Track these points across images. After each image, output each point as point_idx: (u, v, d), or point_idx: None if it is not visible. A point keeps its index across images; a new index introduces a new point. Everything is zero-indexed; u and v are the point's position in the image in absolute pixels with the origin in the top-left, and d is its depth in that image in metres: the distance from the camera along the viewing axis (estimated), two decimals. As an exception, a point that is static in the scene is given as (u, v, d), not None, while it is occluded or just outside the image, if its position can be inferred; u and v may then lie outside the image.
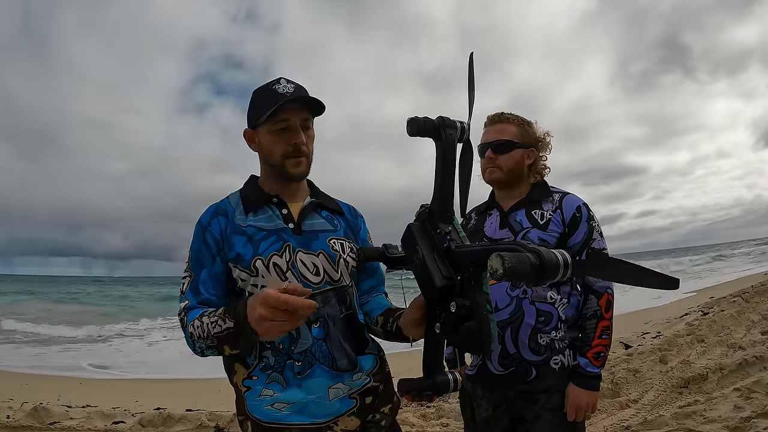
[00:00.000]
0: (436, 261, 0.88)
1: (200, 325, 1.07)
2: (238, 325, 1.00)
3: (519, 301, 1.59)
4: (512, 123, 1.70)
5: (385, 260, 1.22)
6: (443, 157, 0.91)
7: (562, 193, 1.68)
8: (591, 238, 1.62)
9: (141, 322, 14.04)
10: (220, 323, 1.04)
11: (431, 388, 0.91)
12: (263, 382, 1.14)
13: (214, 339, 1.05)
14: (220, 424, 3.80)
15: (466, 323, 0.83)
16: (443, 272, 0.87)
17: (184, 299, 1.17)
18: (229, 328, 1.03)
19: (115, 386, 6.05)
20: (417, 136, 0.90)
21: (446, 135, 0.90)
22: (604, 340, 1.56)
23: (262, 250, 1.17)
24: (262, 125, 1.20)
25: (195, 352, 1.13)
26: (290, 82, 1.20)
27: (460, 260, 0.86)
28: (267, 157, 1.23)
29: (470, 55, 0.94)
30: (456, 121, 0.92)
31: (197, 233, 1.21)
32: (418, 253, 0.91)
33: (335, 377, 1.16)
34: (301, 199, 1.28)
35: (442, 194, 0.91)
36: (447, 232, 0.90)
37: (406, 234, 0.96)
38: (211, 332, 1.05)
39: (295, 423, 1.12)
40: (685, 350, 4.71)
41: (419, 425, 3.75)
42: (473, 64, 0.93)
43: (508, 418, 1.64)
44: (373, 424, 1.21)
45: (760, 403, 3.09)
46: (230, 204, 1.24)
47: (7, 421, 3.79)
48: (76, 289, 31.41)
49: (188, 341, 1.12)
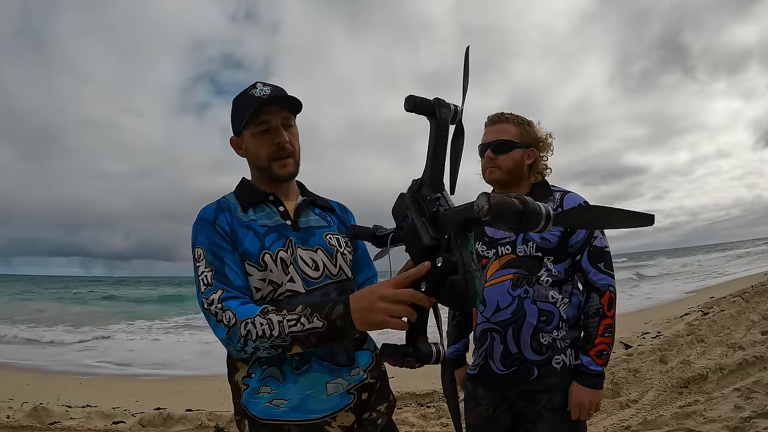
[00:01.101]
0: (425, 224, 0.93)
1: (267, 323, 1.02)
2: (332, 326, 0.98)
3: (521, 301, 1.59)
4: (512, 123, 1.70)
5: (374, 239, 1.25)
6: (436, 133, 0.97)
7: (563, 192, 1.68)
8: (592, 236, 1.61)
9: (137, 323, 14.01)
10: (302, 322, 1.00)
11: (414, 355, 0.93)
12: (260, 377, 1.14)
13: (287, 338, 1.01)
14: (220, 424, 3.80)
15: (451, 277, 0.86)
16: (431, 233, 0.92)
17: (213, 290, 1.09)
18: (315, 328, 0.99)
19: (115, 386, 6.04)
20: (413, 112, 0.96)
21: (440, 113, 0.96)
22: (606, 338, 1.56)
23: (269, 245, 1.18)
24: (245, 130, 1.23)
25: (237, 352, 1.06)
26: (266, 85, 1.22)
27: (446, 221, 0.90)
28: (254, 161, 1.25)
29: (467, 48, 1.01)
30: (450, 103, 0.98)
31: (204, 228, 1.17)
32: (408, 218, 0.96)
33: (334, 372, 1.16)
34: (294, 198, 1.31)
35: (433, 166, 0.97)
36: (436, 198, 0.95)
37: (398, 202, 1.01)
38: (286, 331, 1.01)
39: (293, 419, 1.12)
40: (685, 350, 4.71)
41: (419, 425, 3.75)
42: (469, 55, 0.99)
43: (509, 418, 1.64)
44: (369, 422, 1.21)
45: (760, 403, 3.09)
46: (230, 202, 1.25)
47: (7, 421, 3.79)
48: (76, 289, 31.39)
49: (233, 339, 1.04)
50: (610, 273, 1.61)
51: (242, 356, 1.09)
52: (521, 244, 1.62)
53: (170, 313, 15.60)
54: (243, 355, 1.08)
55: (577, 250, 1.62)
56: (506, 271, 1.62)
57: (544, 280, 1.60)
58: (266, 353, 1.05)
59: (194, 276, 1.14)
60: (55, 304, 19.71)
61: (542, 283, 1.60)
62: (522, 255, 1.62)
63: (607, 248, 1.63)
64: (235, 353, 1.09)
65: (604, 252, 1.62)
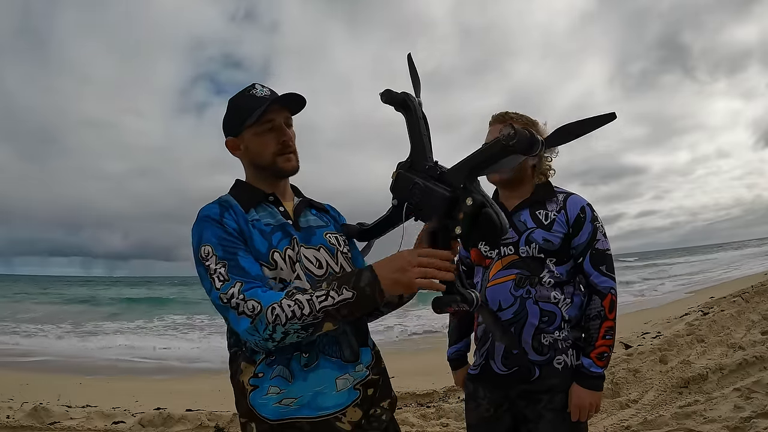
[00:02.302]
0: (437, 183, 1.04)
1: (294, 303, 1.02)
2: (362, 294, 1.03)
3: (523, 301, 1.59)
4: (516, 123, 1.69)
5: (360, 234, 1.31)
6: (412, 120, 1.13)
7: (566, 194, 1.68)
8: (595, 239, 1.62)
9: (136, 321, 14.02)
10: (332, 296, 1.03)
11: (465, 301, 1.02)
12: (269, 377, 1.13)
13: (319, 314, 1.02)
14: (220, 424, 3.80)
15: (483, 210, 0.97)
16: (447, 188, 1.02)
17: (231, 284, 1.07)
18: (346, 299, 1.03)
19: (115, 386, 6.04)
20: (388, 104, 1.14)
21: (411, 102, 1.13)
22: (607, 340, 1.56)
23: (276, 243, 1.18)
24: (246, 129, 1.23)
25: (265, 341, 1.04)
26: (265, 87, 1.25)
27: (454, 176, 1.03)
28: (256, 159, 1.25)
29: (408, 55, 1.20)
30: (414, 97, 1.16)
31: (210, 226, 1.14)
32: (419, 184, 1.07)
33: (342, 368, 1.17)
34: (290, 200, 1.32)
35: (417, 145, 1.11)
36: (433, 166, 1.08)
37: (398, 178, 1.12)
38: (317, 307, 1.02)
39: (304, 417, 1.12)
40: (685, 350, 4.71)
41: (419, 425, 3.75)
42: (413, 62, 1.19)
43: (510, 418, 1.64)
44: (374, 417, 1.22)
45: (760, 403, 3.09)
46: (231, 201, 1.23)
47: (7, 421, 3.79)
48: (76, 288, 31.35)
49: (258, 327, 1.02)
50: (612, 276, 1.61)
51: (269, 346, 1.07)
52: (524, 245, 1.62)
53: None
54: (270, 345, 1.06)
55: (580, 252, 1.62)
56: (509, 271, 1.62)
57: (546, 281, 1.60)
58: (296, 336, 1.05)
59: (202, 275, 1.12)
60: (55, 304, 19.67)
61: (544, 284, 1.60)
62: (525, 256, 1.62)
63: (609, 251, 1.63)
64: (262, 342, 1.06)
65: (606, 255, 1.62)
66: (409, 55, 1.19)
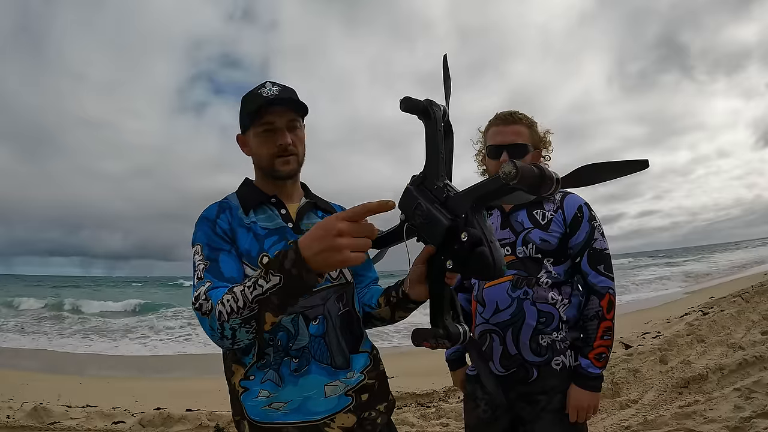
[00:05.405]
0: (439, 208, 0.99)
1: (231, 298, 0.96)
2: (288, 277, 0.90)
3: (520, 302, 1.59)
4: (524, 125, 1.68)
5: (372, 242, 1.27)
6: (431, 131, 1.05)
7: (564, 193, 1.68)
8: (592, 238, 1.61)
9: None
10: (260, 284, 0.93)
11: (447, 337, 0.95)
12: (259, 381, 1.14)
13: (253, 306, 0.94)
14: (220, 424, 3.80)
15: (477, 248, 0.90)
16: (448, 215, 0.97)
17: (203, 283, 1.06)
18: (275, 286, 0.92)
19: (115, 386, 6.04)
20: (408, 112, 1.05)
21: (433, 112, 1.04)
22: (605, 341, 1.56)
23: (267, 247, 1.18)
24: (249, 129, 1.24)
25: (220, 340, 1.00)
26: (275, 85, 1.22)
27: (459, 202, 0.96)
28: (257, 160, 1.26)
29: (444, 56, 1.11)
30: (440, 104, 1.07)
31: (204, 226, 1.18)
32: (421, 206, 1.01)
33: (332, 374, 1.16)
34: (297, 200, 1.31)
35: (431, 160, 1.04)
36: (443, 186, 1.01)
37: (405, 195, 1.06)
38: (249, 298, 0.94)
39: (292, 422, 1.12)
40: (685, 350, 4.71)
41: (419, 425, 3.75)
42: (447, 63, 1.10)
43: (508, 419, 1.64)
44: (369, 421, 1.21)
45: (760, 403, 3.09)
46: (231, 203, 1.25)
47: (7, 421, 3.79)
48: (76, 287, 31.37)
49: (213, 326, 0.99)
50: (610, 275, 1.61)
51: (227, 345, 1.02)
52: (521, 246, 1.62)
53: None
54: (227, 344, 1.01)
55: (577, 252, 1.61)
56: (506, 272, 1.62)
57: (543, 282, 1.59)
58: (245, 333, 0.98)
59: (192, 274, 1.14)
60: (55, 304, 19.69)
61: (542, 285, 1.59)
62: (522, 256, 1.61)
63: (606, 250, 1.63)
64: (221, 342, 1.02)
65: (604, 254, 1.61)
66: (445, 56, 1.10)
